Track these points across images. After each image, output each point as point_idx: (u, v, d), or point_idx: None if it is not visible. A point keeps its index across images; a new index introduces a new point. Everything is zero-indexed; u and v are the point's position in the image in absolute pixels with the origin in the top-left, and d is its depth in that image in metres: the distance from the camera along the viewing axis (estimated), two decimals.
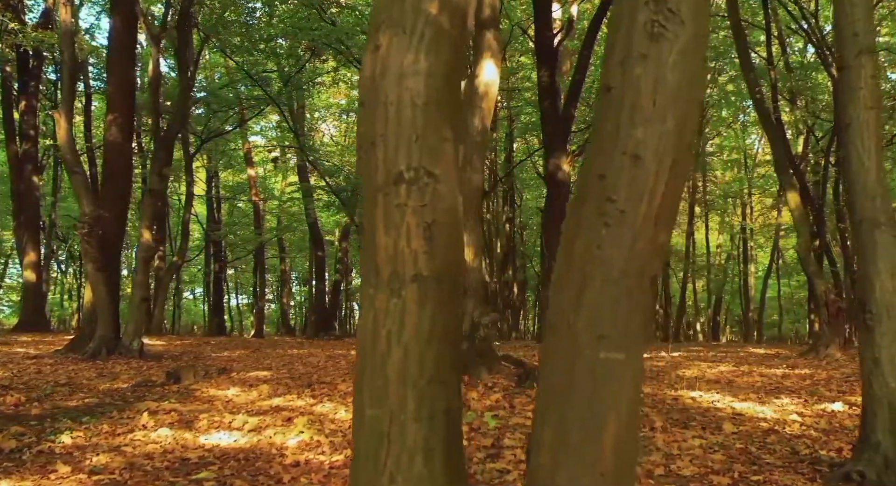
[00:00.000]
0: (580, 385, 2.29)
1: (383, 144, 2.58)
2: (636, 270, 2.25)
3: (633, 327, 2.28)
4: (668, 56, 2.23)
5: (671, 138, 2.23)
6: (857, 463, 5.08)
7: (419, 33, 2.61)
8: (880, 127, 5.32)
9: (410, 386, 2.57)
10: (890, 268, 5.10)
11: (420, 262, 2.56)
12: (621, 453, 2.31)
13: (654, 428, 6.87)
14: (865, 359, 5.15)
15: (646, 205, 2.23)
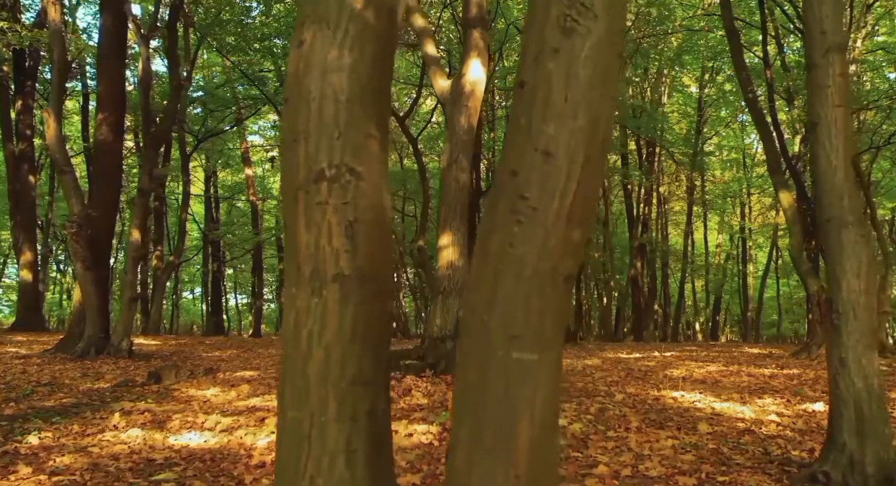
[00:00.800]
0: (493, 386, 2.25)
1: (305, 141, 2.54)
2: (549, 268, 2.21)
3: (546, 326, 2.24)
4: (580, 51, 2.19)
5: (583, 135, 2.19)
6: (823, 464, 5.04)
7: (343, 29, 2.58)
8: (849, 125, 5.27)
9: (332, 387, 2.53)
10: (857, 268, 5.06)
11: (341, 261, 2.53)
12: (537, 455, 2.27)
13: (628, 428, 6.83)
14: (832, 359, 5.11)
15: (558, 202, 2.19)
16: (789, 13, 20.58)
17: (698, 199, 35.20)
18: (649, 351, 17.59)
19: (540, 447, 2.27)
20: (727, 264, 39.61)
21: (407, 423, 6.94)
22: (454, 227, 10.91)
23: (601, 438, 6.48)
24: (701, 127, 31.85)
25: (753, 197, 36.67)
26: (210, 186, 34.01)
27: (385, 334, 2.70)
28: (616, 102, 2.26)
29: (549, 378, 2.27)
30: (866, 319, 5.03)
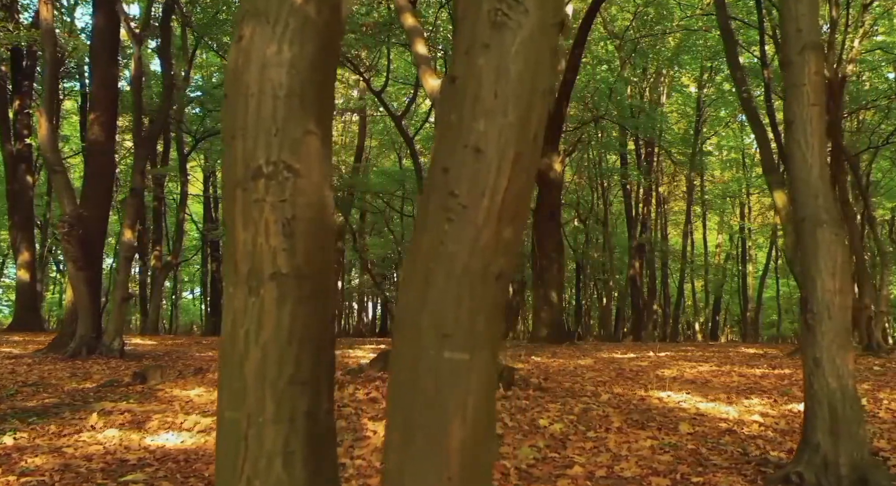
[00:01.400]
0: (424, 386, 2.21)
1: (242, 138, 2.51)
2: (480, 267, 2.18)
3: (478, 326, 2.21)
4: (510, 46, 2.16)
5: (513, 131, 2.15)
6: (797, 465, 5.01)
7: (283, 23, 2.55)
8: (824, 124, 5.24)
9: (269, 387, 2.49)
10: (831, 267, 5.03)
11: (279, 259, 2.49)
12: (470, 456, 2.23)
13: (608, 429, 6.80)
14: (807, 359, 5.07)
15: (488, 200, 2.15)
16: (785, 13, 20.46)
17: (697, 199, 35.15)
18: (644, 351, 17.54)
19: (473, 448, 2.23)
20: (727, 264, 39.56)
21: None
22: None
23: (581, 438, 6.45)
24: (700, 127, 31.79)
25: (753, 197, 36.62)
26: (209, 185, 34.00)
27: (327, 333, 2.66)
28: (547, 97, 2.23)
29: (481, 378, 2.23)
30: (841, 318, 4.99)
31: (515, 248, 2.26)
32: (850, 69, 21.46)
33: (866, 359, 14.65)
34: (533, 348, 17.90)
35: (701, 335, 39.36)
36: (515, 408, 7.74)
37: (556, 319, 20.45)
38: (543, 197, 21.42)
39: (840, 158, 20.29)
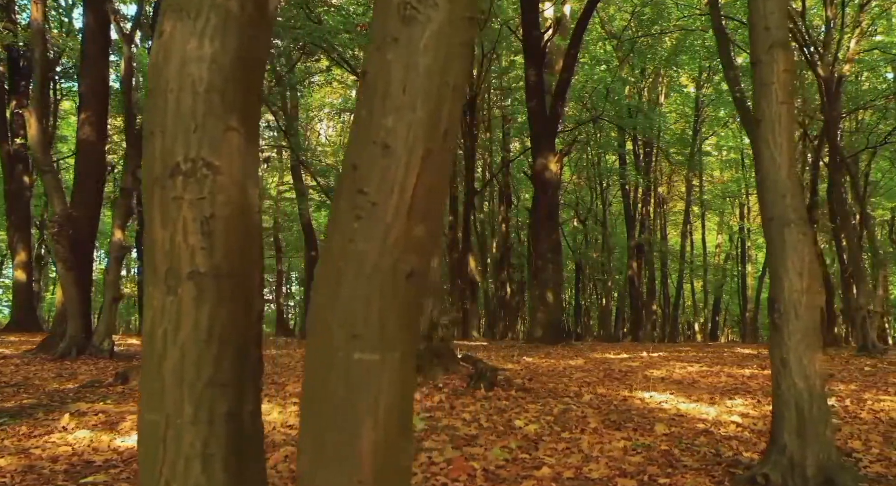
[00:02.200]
0: (335, 387, 2.18)
1: (161, 134, 2.48)
2: (390, 265, 2.14)
3: (389, 326, 2.17)
4: (419, 40, 2.12)
5: (422, 127, 2.12)
6: (763, 466, 4.96)
7: (204, 18, 2.51)
8: (793, 123, 5.19)
9: (187, 389, 2.46)
10: (799, 266, 4.98)
11: (197, 258, 2.46)
12: (383, 459, 2.19)
13: (584, 430, 6.75)
14: (774, 359, 5.03)
15: (397, 197, 2.12)
16: None
17: (696, 199, 35.07)
18: (638, 352, 17.47)
19: (386, 450, 2.19)
20: (727, 264, 39.47)
21: None
22: None
23: (555, 439, 6.40)
24: (698, 127, 31.71)
25: (752, 197, 36.48)
26: None
27: (249, 334, 2.62)
28: (461, 92, 2.19)
29: (393, 379, 2.19)
30: (808, 318, 4.95)
31: (429, 246, 2.22)
32: (847, 69, 21.36)
33: (859, 359, 14.59)
34: (527, 349, 17.86)
35: (701, 336, 39.27)
36: (494, 409, 7.69)
37: (552, 319, 20.38)
38: (539, 197, 21.36)
39: (836, 158, 20.21)
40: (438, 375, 9.53)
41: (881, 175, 31.46)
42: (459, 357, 10.60)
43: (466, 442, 6.26)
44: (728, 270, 38.64)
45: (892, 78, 26.42)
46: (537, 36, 21.46)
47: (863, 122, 27.52)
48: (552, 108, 21.11)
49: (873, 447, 6.07)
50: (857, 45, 22.09)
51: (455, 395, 8.43)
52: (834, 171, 20.70)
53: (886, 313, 38.07)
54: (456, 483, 5.09)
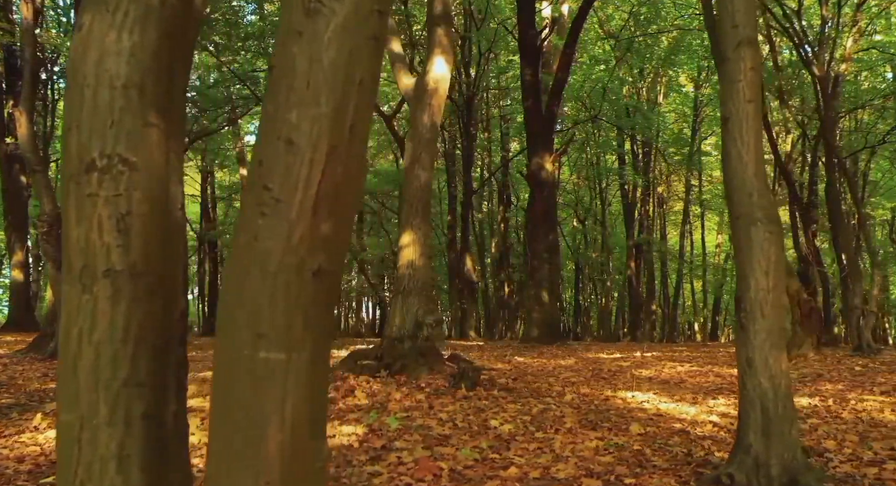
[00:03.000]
0: (241, 387, 2.14)
1: (77, 130, 2.44)
2: (295, 263, 2.10)
3: (295, 325, 2.13)
4: (324, 33, 2.08)
5: (327, 122, 2.08)
6: (729, 466, 4.93)
7: (123, 11, 2.47)
8: (760, 121, 5.15)
9: (103, 389, 2.42)
10: (765, 265, 4.94)
11: (113, 255, 2.42)
12: (290, 461, 2.15)
13: (558, 430, 6.72)
14: (740, 359, 4.99)
15: (301, 193, 2.08)
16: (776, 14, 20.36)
17: (695, 199, 34.99)
18: (633, 351, 17.43)
19: (294, 452, 2.15)
20: (727, 264, 39.32)
21: (337, 424, 6.84)
22: (415, 226, 10.82)
23: (528, 439, 6.37)
24: (697, 126, 31.63)
25: None
26: (207, 186, 33.98)
27: (170, 333, 2.58)
28: (371, 89, 2.15)
29: (300, 379, 2.15)
30: (774, 317, 4.91)
31: (338, 244, 2.18)
32: (844, 68, 21.28)
33: (852, 359, 14.53)
34: (522, 349, 17.83)
35: (700, 336, 39.16)
36: (473, 409, 7.66)
37: (548, 319, 20.35)
38: (535, 197, 21.32)
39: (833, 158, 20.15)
40: (422, 374, 9.49)
41: (881, 175, 31.35)
42: (446, 357, 10.55)
43: (439, 442, 6.23)
44: (728, 269, 38.50)
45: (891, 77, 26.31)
46: (533, 35, 21.44)
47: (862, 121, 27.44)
48: (548, 107, 21.06)
49: (847, 447, 6.03)
50: (856, 45, 22.00)
51: (436, 395, 8.39)
52: (830, 171, 20.63)
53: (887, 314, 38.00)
54: (421, 483, 5.06)
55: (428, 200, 11.22)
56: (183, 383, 2.66)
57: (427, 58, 11.68)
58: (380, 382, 8.92)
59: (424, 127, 11.10)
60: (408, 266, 10.61)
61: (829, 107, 19.53)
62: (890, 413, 7.78)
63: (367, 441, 6.22)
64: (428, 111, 11.13)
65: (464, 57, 27.70)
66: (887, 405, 8.29)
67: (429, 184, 11.15)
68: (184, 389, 2.67)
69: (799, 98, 24.82)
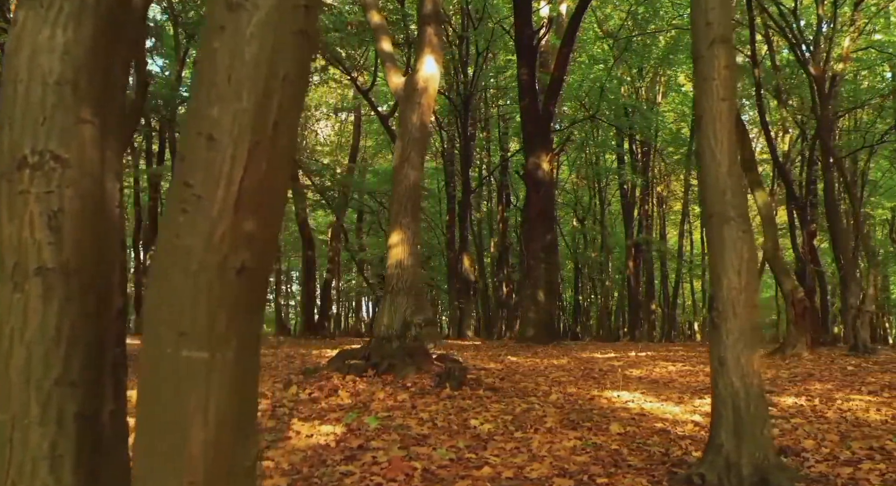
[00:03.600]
0: (164, 386, 2.11)
1: (9, 127, 2.42)
2: (217, 261, 2.07)
3: (218, 324, 2.10)
4: (245, 28, 2.06)
5: (248, 118, 2.05)
6: (700, 465, 4.90)
7: (57, 7, 2.45)
8: (734, 119, 5.12)
9: (34, 389, 2.39)
10: (737, 264, 4.92)
11: (44, 253, 2.40)
12: (215, 461, 2.12)
13: (538, 430, 6.69)
14: (713, 358, 4.96)
15: (223, 190, 2.05)
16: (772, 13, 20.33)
17: (694, 198, 34.89)
18: (628, 351, 17.41)
19: (218, 452, 2.13)
20: None
21: (317, 424, 6.82)
22: (404, 225, 10.79)
23: (506, 439, 6.34)
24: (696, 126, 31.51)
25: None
26: None
27: (104, 332, 2.56)
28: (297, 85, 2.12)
29: (224, 379, 2.12)
30: (746, 316, 4.88)
31: (263, 242, 2.15)
32: (841, 68, 21.24)
33: (846, 359, 14.48)
34: (517, 348, 17.81)
35: (700, 335, 39.09)
36: (455, 408, 7.64)
37: (544, 319, 20.33)
38: (531, 196, 21.30)
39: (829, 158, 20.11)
40: (410, 374, 9.47)
41: (881, 175, 31.28)
42: (434, 357, 10.52)
43: (416, 442, 6.21)
44: None
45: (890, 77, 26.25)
46: (530, 35, 21.41)
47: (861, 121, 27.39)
48: (545, 107, 21.03)
49: (825, 447, 6.00)
50: (854, 44, 21.95)
51: (420, 394, 8.37)
52: (826, 170, 20.60)
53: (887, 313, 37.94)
54: (392, 483, 5.03)
55: (417, 199, 11.20)
56: (121, 382, 2.64)
57: (417, 57, 11.67)
58: (366, 381, 8.90)
59: (414, 126, 11.08)
60: (396, 266, 10.59)
61: (825, 106, 19.49)
62: (875, 413, 7.75)
63: (344, 441, 6.19)
64: (417, 110, 11.10)
65: (461, 56, 27.69)
66: (873, 404, 8.26)
67: (418, 183, 11.13)
68: (122, 388, 2.65)
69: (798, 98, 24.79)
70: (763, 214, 16.09)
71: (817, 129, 20.57)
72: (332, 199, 29.13)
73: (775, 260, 16.07)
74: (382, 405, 7.72)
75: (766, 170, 31.18)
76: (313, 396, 8.09)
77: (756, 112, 23.89)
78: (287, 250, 38.42)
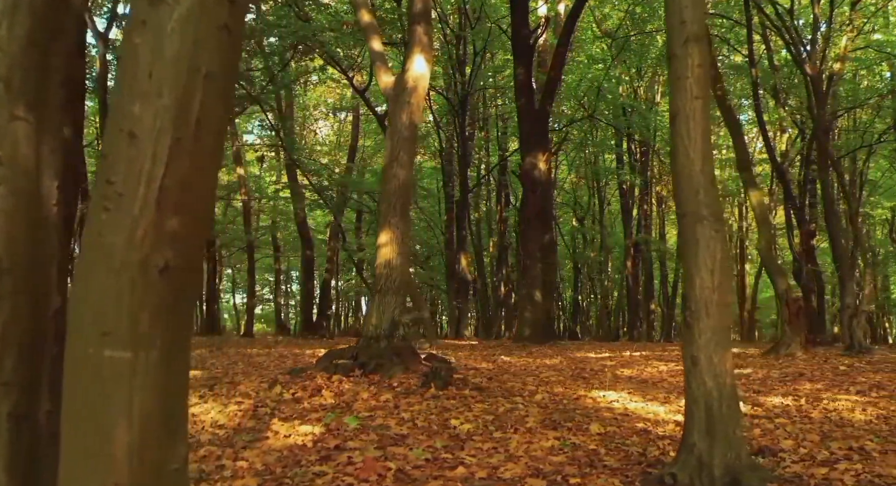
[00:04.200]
0: (87, 386, 2.09)
1: None
2: (139, 260, 2.05)
3: (142, 323, 2.07)
4: (167, 22, 2.03)
5: (169, 115, 2.03)
6: (673, 466, 4.87)
7: None
8: (708, 118, 5.09)
9: None
10: (710, 264, 4.88)
11: None
12: (140, 462, 2.10)
13: (517, 430, 6.65)
14: (686, 358, 4.93)
15: (144, 188, 2.03)
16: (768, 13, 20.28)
17: None
18: (623, 351, 17.37)
19: (144, 453, 2.10)
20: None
21: (297, 424, 6.79)
22: (393, 224, 10.76)
23: (485, 439, 6.31)
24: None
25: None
26: None
27: (40, 332, 2.53)
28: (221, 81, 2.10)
29: (149, 379, 2.10)
30: (719, 316, 4.85)
31: (188, 240, 2.13)
32: (839, 67, 21.18)
33: (839, 358, 14.45)
34: (513, 348, 17.78)
35: None
36: (438, 408, 7.61)
37: (540, 318, 20.28)
38: (528, 196, 21.26)
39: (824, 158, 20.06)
40: (397, 374, 9.44)
41: (881, 174, 31.21)
42: (424, 356, 10.50)
43: (394, 442, 6.18)
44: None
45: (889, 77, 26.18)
46: (526, 34, 21.37)
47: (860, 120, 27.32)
48: (541, 106, 20.99)
49: (804, 447, 5.96)
50: (852, 43, 21.88)
51: (405, 394, 8.34)
52: (822, 170, 20.54)
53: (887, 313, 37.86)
54: (364, 484, 5.01)
55: (407, 198, 11.17)
56: (55, 382, 2.61)
57: (406, 56, 11.64)
58: (352, 381, 8.87)
59: (403, 125, 11.05)
60: (385, 265, 10.56)
61: (821, 105, 19.44)
62: (860, 413, 7.72)
63: (321, 441, 6.17)
64: (407, 110, 11.07)
65: (459, 56, 27.66)
66: (860, 404, 8.22)
67: (407, 182, 11.09)
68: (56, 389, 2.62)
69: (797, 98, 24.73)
70: (757, 214, 16.05)
71: (814, 128, 20.51)
72: (330, 199, 29.10)
73: (769, 260, 16.02)
74: (365, 405, 7.69)
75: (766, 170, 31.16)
76: (297, 396, 8.07)
77: (754, 112, 23.85)
78: (286, 249, 38.38)
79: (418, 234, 35.38)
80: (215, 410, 7.44)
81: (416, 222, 35.26)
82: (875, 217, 34.52)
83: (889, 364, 12.70)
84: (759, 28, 22.03)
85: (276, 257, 36.38)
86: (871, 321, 35.00)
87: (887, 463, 5.39)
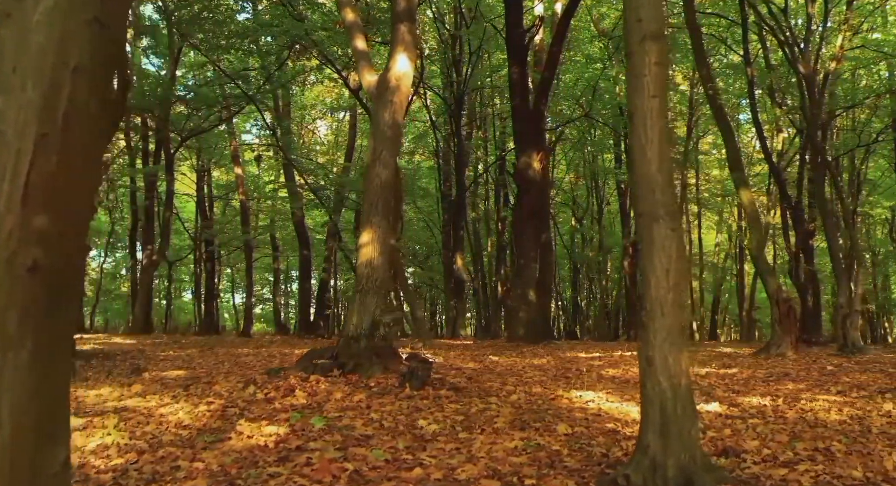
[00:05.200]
0: None
1: None
2: (6, 258, 2.00)
3: (8, 323, 2.02)
4: (32, 15, 1.98)
5: (34, 109, 1.98)
6: (627, 466, 4.82)
7: None
8: (665, 116, 5.03)
9: None
10: (666, 263, 4.83)
11: None
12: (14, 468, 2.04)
13: (484, 430, 6.60)
14: (641, 358, 4.88)
15: (8, 185, 1.98)
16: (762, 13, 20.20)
17: (693, 197, 34.80)
18: (613, 350, 17.31)
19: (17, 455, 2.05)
20: (726, 263, 39.15)
21: (264, 424, 6.74)
22: (375, 224, 10.70)
23: (449, 439, 6.26)
24: (693, 125, 31.42)
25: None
26: (203, 185, 33.98)
27: None
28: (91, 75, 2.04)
29: (19, 379, 2.04)
30: (674, 316, 4.79)
31: (60, 239, 2.07)
32: (835, 66, 21.08)
33: (829, 358, 14.39)
34: (505, 348, 17.74)
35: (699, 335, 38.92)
36: (410, 408, 7.56)
37: (534, 318, 20.23)
38: (522, 195, 21.20)
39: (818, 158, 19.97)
40: (375, 374, 9.38)
41: (880, 174, 31.09)
42: (405, 356, 10.45)
43: (358, 442, 6.13)
44: (727, 268, 38.34)
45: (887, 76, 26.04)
46: (520, 34, 21.33)
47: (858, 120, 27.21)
48: (535, 105, 20.94)
49: (769, 448, 5.91)
50: (849, 43, 21.77)
51: (379, 394, 8.29)
52: (816, 170, 20.46)
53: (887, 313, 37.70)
54: (318, 485, 4.96)
55: (388, 198, 11.10)
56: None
57: (390, 55, 11.59)
58: (329, 381, 8.82)
59: (386, 124, 11.00)
60: (366, 265, 10.50)
61: (815, 105, 19.35)
62: (835, 413, 7.66)
63: (284, 442, 6.11)
64: (389, 108, 11.03)
65: (455, 55, 27.62)
66: (837, 404, 8.17)
67: (390, 182, 11.02)
68: None
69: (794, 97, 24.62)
70: (748, 213, 15.97)
71: (807, 128, 20.42)
72: (327, 198, 29.07)
73: (760, 259, 15.94)
74: (337, 406, 7.64)
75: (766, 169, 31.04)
76: (269, 396, 8.02)
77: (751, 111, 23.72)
78: (285, 249, 38.35)
79: (417, 234, 35.37)
80: (184, 410, 7.39)
81: (414, 222, 35.27)
82: (875, 217, 34.38)
83: (878, 364, 12.64)
84: (755, 27, 21.95)
85: (274, 257, 36.36)
86: (871, 321, 34.91)
87: (848, 464, 5.34)
